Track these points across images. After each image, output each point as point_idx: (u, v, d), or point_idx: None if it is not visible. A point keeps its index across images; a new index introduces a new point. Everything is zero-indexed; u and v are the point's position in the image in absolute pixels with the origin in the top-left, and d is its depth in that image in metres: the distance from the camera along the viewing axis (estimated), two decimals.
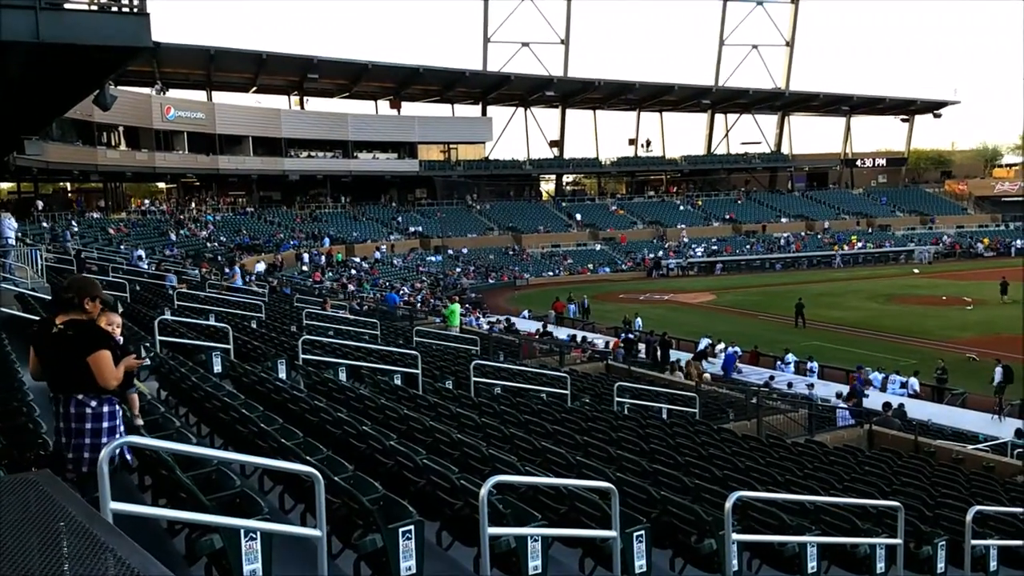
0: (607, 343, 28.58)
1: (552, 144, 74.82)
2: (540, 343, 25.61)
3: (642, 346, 28.38)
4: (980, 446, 16.06)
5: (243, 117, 57.18)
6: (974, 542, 7.38)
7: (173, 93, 55.44)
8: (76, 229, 36.99)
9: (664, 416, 14.61)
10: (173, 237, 44.76)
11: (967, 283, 47.21)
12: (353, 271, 49.18)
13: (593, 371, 20.87)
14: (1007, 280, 41.69)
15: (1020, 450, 15.40)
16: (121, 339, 5.11)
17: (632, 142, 78.30)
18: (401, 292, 42.52)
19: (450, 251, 59.07)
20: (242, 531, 4.30)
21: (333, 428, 7.86)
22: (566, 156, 74.90)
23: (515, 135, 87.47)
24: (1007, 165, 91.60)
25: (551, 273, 58.48)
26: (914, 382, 23.44)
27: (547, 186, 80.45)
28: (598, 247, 64.41)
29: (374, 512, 4.99)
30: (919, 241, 66.74)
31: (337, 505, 5.35)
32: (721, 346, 27.88)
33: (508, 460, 7.39)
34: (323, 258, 49.87)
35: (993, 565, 8.07)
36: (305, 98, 62.75)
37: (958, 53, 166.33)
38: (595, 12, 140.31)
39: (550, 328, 32.09)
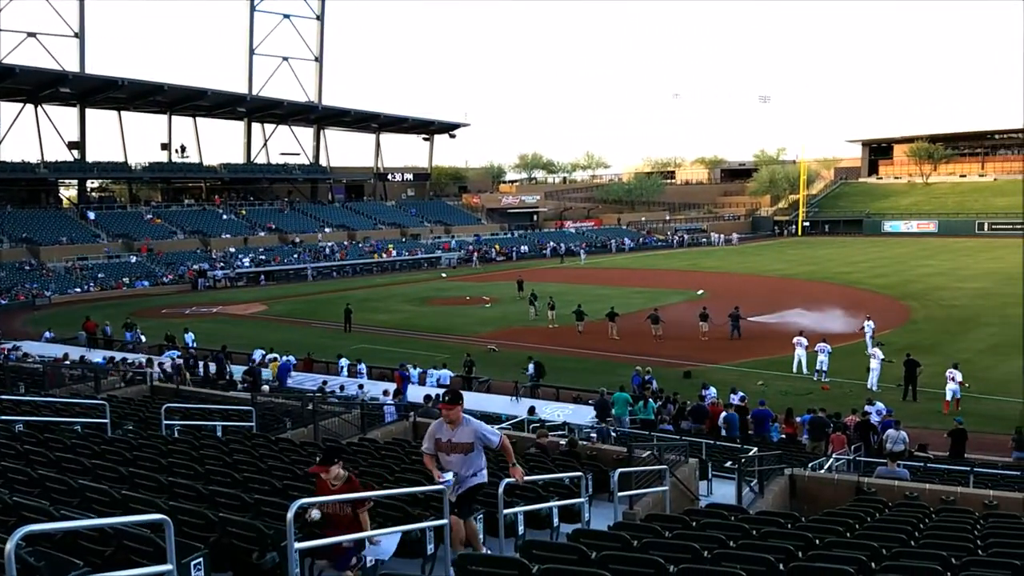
0: (159, 364, 26.38)
1: (72, 146, 66.55)
2: (70, 369, 22.70)
3: (168, 362, 26.39)
4: (504, 425, 18.52)
5: None
6: (505, 511, 8.49)
7: None
8: None
9: (219, 434, 14.10)
10: None
11: (485, 284, 54.03)
12: None
13: (136, 395, 19.22)
14: (522, 279, 49.26)
15: (535, 424, 18.12)
16: None
17: (165, 147, 73.49)
18: None
19: None
20: None
21: None
22: (89, 159, 67.25)
23: (26, 135, 75.80)
24: (509, 181, 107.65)
25: (79, 289, 52.27)
26: (445, 374, 25.99)
27: (68, 192, 71.37)
28: (133, 259, 59.25)
29: None
30: (444, 248, 74.26)
31: None
32: (273, 356, 27.73)
33: (39, 506, 6.51)
34: None
35: (521, 529, 9.39)
36: None
37: (469, 80, 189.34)
38: (117, 11, 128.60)
39: (82, 352, 28.61)
